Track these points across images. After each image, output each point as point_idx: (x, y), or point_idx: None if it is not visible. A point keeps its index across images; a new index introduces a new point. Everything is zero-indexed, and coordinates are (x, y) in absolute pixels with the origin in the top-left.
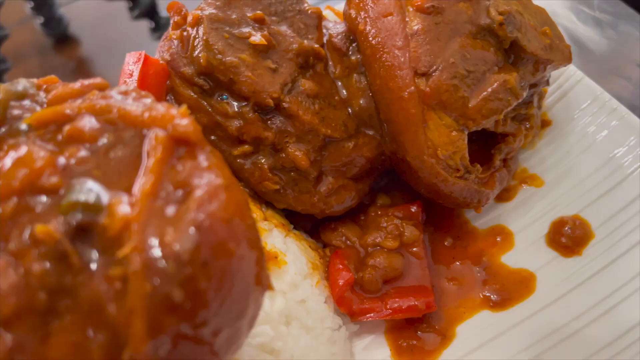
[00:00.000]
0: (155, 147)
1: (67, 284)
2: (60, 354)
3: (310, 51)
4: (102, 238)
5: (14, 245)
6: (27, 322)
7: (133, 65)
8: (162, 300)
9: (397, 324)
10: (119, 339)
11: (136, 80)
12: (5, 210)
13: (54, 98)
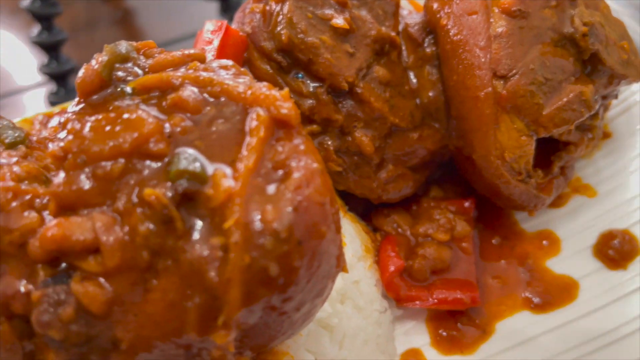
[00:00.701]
0: (258, 126)
1: (169, 246)
2: (157, 310)
3: (387, 38)
4: (205, 207)
5: (120, 205)
6: (128, 277)
7: (213, 34)
8: (259, 272)
9: (438, 314)
10: (216, 303)
11: (215, 49)
12: (113, 170)
13: (155, 64)
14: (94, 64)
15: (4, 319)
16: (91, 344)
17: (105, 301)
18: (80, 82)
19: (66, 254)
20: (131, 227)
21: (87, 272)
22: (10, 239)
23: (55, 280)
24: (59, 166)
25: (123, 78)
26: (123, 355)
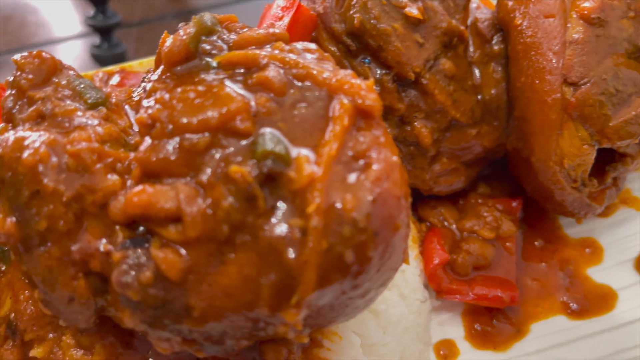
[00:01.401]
0: (342, 114)
1: (248, 223)
2: (231, 282)
3: (456, 32)
4: (286, 188)
5: (204, 178)
6: (206, 248)
7: (284, 10)
8: (335, 258)
9: (475, 308)
10: (291, 282)
11: (285, 26)
12: (199, 144)
13: (240, 40)
14: (181, 34)
15: (81, 275)
16: (165, 308)
17: (182, 269)
18: (168, 51)
19: (148, 220)
20: (213, 201)
21: (167, 239)
22: (93, 198)
23: (133, 243)
24: (145, 133)
25: (208, 51)
26: (194, 322)
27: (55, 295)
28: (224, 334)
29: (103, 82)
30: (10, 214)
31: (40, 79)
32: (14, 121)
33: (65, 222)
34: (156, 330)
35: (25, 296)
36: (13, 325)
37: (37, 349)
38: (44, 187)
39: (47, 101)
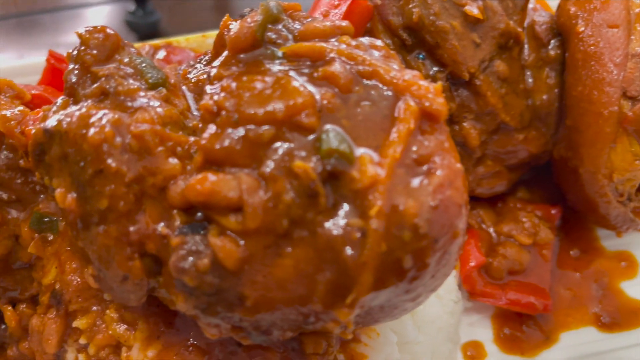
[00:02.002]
0: (408, 116)
1: (308, 218)
2: (286, 276)
3: (514, 34)
4: (347, 188)
5: (266, 170)
6: (263, 240)
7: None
8: (393, 262)
9: (505, 312)
10: (347, 281)
11: (341, 15)
12: (264, 135)
13: (306, 31)
14: (249, 21)
15: (137, 256)
16: (219, 296)
17: (239, 259)
18: (234, 38)
19: (209, 208)
20: (275, 194)
21: (226, 228)
22: (153, 181)
23: (191, 228)
24: (209, 120)
25: (274, 40)
26: (246, 311)
27: (109, 273)
28: (272, 325)
29: (149, 56)
30: (71, 189)
31: (103, 55)
32: (76, 96)
33: (126, 202)
34: (208, 317)
35: (72, 268)
36: (58, 295)
37: (80, 320)
38: (107, 167)
39: (111, 79)
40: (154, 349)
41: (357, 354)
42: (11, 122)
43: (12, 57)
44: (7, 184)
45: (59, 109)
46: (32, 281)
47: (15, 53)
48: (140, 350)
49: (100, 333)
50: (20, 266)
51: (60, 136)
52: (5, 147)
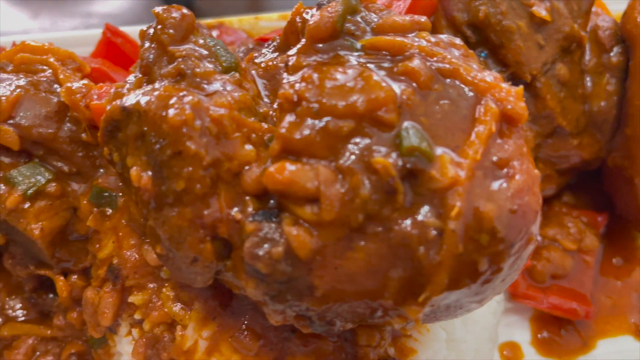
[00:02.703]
0: (489, 119)
1: (384, 214)
2: (358, 269)
3: (577, 37)
4: (425, 186)
5: (344, 163)
6: (336, 232)
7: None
8: (468, 264)
9: (544, 316)
10: (420, 280)
11: (405, 7)
12: (343, 128)
13: (384, 25)
14: (330, 11)
15: (209, 239)
16: (290, 284)
17: (312, 249)
18: (314, 27)
19: (285, 197)
20: (351, 188)
21: (301, 218)
22: (229, 166)
23: (264, 215)
24: (287, 109)
25: (352, 32)
26: (314, 301)
27: (179, 254)
28: (337, 316)
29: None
30: (147, 168)
31: (179, 36)
32: (151, 75)
33: (202, 185)
34: (276, 304)
35: (130, 244)
36: (116, 270)
37: (136, 296)
38: (186, 149)
39: (188, 60)
40: (209, 330)
41: (407, 348)
42: (76, 95)
43: (46, 25)
44: (68, 157)
45: (133, 87)
46: (86, 254)
47: (49, 20)
48: (195, 330)
49: (156, 310)
50: (76, 238)
51: (139, 115)
52: (68, 119)
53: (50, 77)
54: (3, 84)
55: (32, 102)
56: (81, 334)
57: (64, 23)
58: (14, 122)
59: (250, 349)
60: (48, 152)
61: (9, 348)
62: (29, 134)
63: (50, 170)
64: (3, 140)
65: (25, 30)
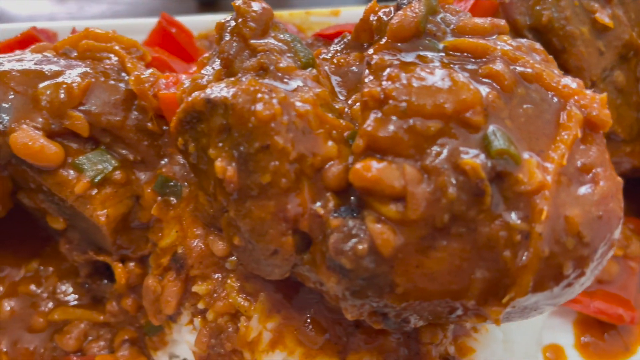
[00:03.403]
0: (574, 124)
1: (469, 216)
2: (439, 269)
3: (635, 45)
4: (511, 189)
5: (430, 163)
6: (420, 231)
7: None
8: (553, 267)
9: (588, 319)
10: (505, 281)
11: (466, 9)
12: (430, 128)
13: (464, 27)
14: (413, 10)
15: (290, 232)
16: (371, 281)
17: (395, 247)
18: (398, 27)
19: (370, 194)
20: (438, 188)
21: (384, 216)
22: (312, 162)
23: (345, 211)
24: (373, 107)
25: (434, 32)
26: (394, 298)
27: (259, 246)
28: (414, 314)
29: None
30: (231, 161)
31: (260, 30)
32: (232, 67)
33: (287, 180)
34: (355, 299)
35: (194, 234)
36: (180, 260)
37: (200, 286)
38: (274, 143)
39: (270, 54)
40: (274, 322)
41: (466, 347)
42: (145, 84)
43: (73, 10)
44: (134, 145)
45: (213, 79)
46: (146, 242)
47: (76, 6)
48: (260, 321)
49: (221, 301)
50: (138, 226)
51: (226, 108)
52: (135, 107)
53: (116, 64)
54: (73, 70)
55: (101, 89)
56: (134, 320)
57: (90, 8)
58: (84, 108)
59: (315, 342)
60: (114, 140)
61: (60, 332)
62: (98, 121)
63: (116, 157)
64: (73, 127)
65: (51, 15)
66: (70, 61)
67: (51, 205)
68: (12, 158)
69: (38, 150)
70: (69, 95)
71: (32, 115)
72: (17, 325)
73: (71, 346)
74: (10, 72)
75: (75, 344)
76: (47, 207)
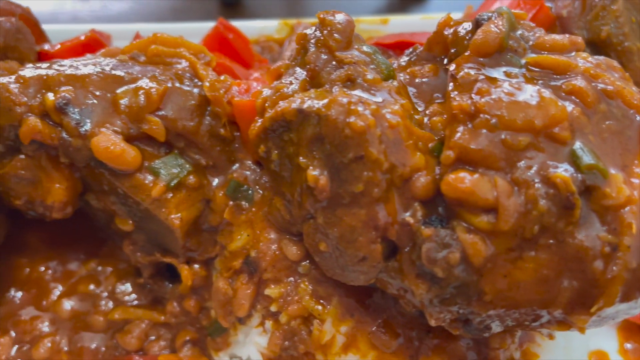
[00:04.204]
0: None
1: (558, 227)
2: (527, 278)
3: None
4: (599, 203)
5: (520, 176)
6: (508, 242)
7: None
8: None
9: (631, 325)
10: (593, 292)
11: None
12: (521, 142)
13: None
14: (497, 26)
15: (380, 240)
16: (460, 289)
17: (485, 257)
18: (482, 42)
19: (462, 205)
20: (528, 200)
21: (475, 226)
22: (402, 172)
23: (433, 221)
24: (463, 120)
25: (515, 48)
26: (481, 306)
27: (348, 252)
28: (496, 320)
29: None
30: (323, 170)
31: (345, 42)
32: (318, 78)
33: (380, 189)
34: (444, 306)
35: (267, 238)
36: (253, 263)
37: (272, 289)
38: (368, 154)
39: (357, 67)
40: (347, 326)
41: (530, 352)
42: (220, 91)
43: (96, 8)
44: (207, 150)
45: (299, 89)
46: (214, 244)
47: (99, 4)
48: (334, 325)
49: (295, 304)
50: (207, 229)
51: (319, 118)
52: (208, 113)
53: (187, 70)
54: (149, 75)
55: (177, 94)
56: (195, 321)
57: (113, 7)
58: (161, 113)
59: (389, 346)
60: (188, 145)
61: (121, 331)
62: (174, 126)
63: (189, 162)
64: (151, 131)
65: (73, 13)
66: (145, 66)
67: (121, 208)
68: (90, 161)
69: (119, 154)
70: (148, 100)
71: (111, 120)
72: (77, 324)
73: (133, 345)
74: (89, 76)
75: (137, 343)
76: (117, 209)
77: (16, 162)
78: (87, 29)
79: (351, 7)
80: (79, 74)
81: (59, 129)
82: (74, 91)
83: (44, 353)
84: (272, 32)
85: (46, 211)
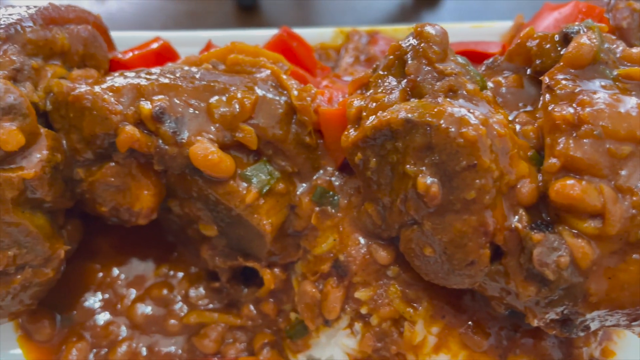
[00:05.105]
0: None
1: None
2: (631, 280)
3: None
4: None
5: (623, 182)
6: (612, 245)
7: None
8: None
9: None
10: None
11: None
12: (624, 151)
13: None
14: (590, 39)
15: (488, 245)
16: (568, 291)
17: (591, 260)
18: (577, 55)
19: (569, 211)
20: (633, 206)
21: (581, 231)
22: (508, 180)
23: (540, 227)
24: (566, 130)
25: (605, 60)
26: (586, 307)
27: (456, 257)
28: (597, 320)
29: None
30: (434, 177)
31: (442, 54)
32: (419, 89)
33: (490, 196)
34: (550, 307)
35: (356, 242)
36: (343, 267)
37: (362, 292)
38: (481, 162)
39: (458, 77)
40: (438, 327)
41: (609, 350)
42: (307, 100)
43: (113, 10)
44: (293, 158)
45: (399, 99)
46: (297, 249)
47: (116, 6)
48: (425, 326)
49: (386, 306)
50: (292, 234)
51: (430, 128)
52: (294, 121)
53: (269, 79)
54: (239, 85)
55: (266, 103)
56: (272, 323)
57: (129, 9)
58: (253, 122)
59: (480, 346)
60: (276, 152)
61: (197, 335)
62: (265, 135)
63: (277, 169)
64: (244, 139)
65: None
66: (232, 76)
67: (207, 214)
68: (185, 168)
69: (217, 162)
70: (241, 109)
71: (206, 128)
72: (152, 329)
73: (211, 348)
74: (182, 86)
75: (214, 347)
76: (203, 215)
77: (106, 170)
78: (151, 36)
79: (364, 12)
80: (171, 83)
81: (155, 137)
82: (168, 100)
83: (121, 357)
84: (327, 40)
85: (132, 217)
